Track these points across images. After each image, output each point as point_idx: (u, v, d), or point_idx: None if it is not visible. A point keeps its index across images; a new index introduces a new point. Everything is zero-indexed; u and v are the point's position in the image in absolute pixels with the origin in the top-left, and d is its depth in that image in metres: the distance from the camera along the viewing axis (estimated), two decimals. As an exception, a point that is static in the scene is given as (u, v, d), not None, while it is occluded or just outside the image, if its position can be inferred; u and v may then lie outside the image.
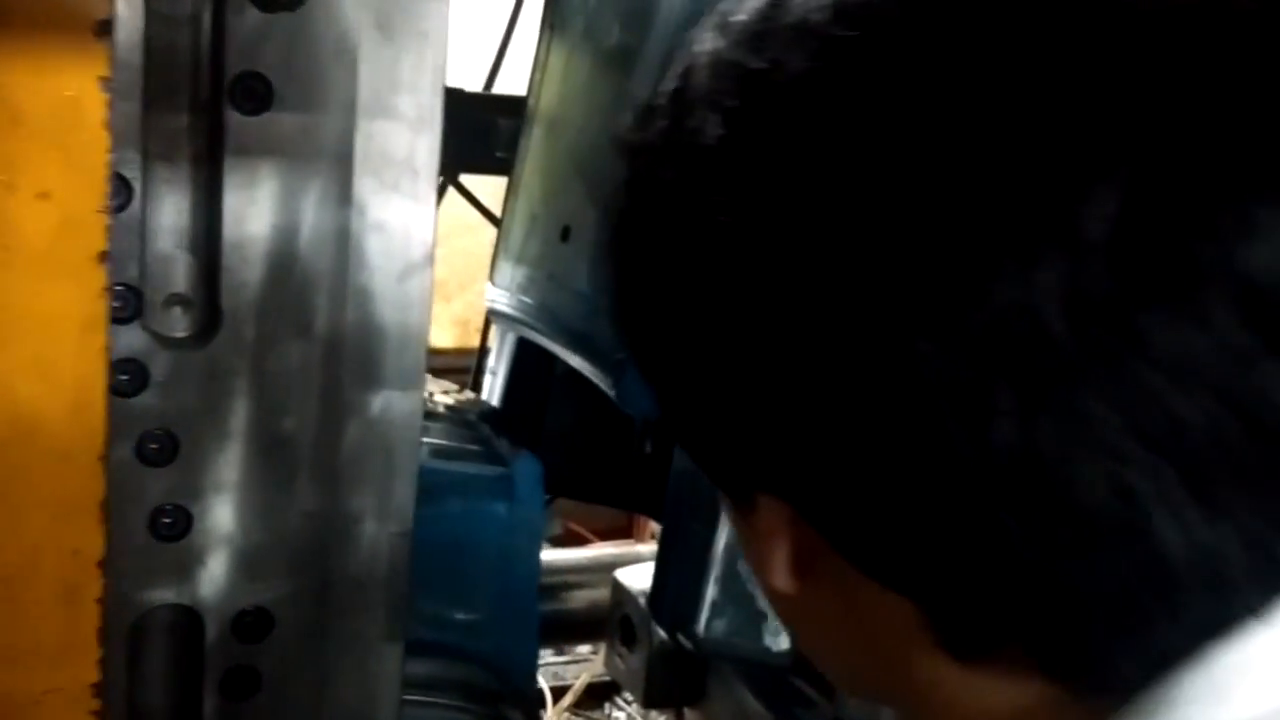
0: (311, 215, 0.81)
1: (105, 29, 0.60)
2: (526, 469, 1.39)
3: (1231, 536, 0.41)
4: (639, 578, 2.06)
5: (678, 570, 1.65)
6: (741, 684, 1.78)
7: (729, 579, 1.58)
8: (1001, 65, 0.41)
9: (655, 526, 3.24)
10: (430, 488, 0.96)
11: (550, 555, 2.71)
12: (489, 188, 2.46)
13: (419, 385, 0.88)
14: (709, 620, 1.61)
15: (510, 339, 2.09)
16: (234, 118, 0.78)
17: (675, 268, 0.49)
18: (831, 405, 0.44)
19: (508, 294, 1.98)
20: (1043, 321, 0.40)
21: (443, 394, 1.77)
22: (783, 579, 0.50)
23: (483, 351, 2.65)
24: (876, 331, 0.42)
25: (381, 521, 0.89)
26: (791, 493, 0.48)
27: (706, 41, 0.50)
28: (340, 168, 0.81)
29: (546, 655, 3.12)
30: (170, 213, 0.79)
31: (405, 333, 0.86)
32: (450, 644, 1.27)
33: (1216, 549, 0.41)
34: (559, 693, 2.88)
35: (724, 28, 0.49)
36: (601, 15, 1.79)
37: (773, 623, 1.58)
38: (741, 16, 0.48)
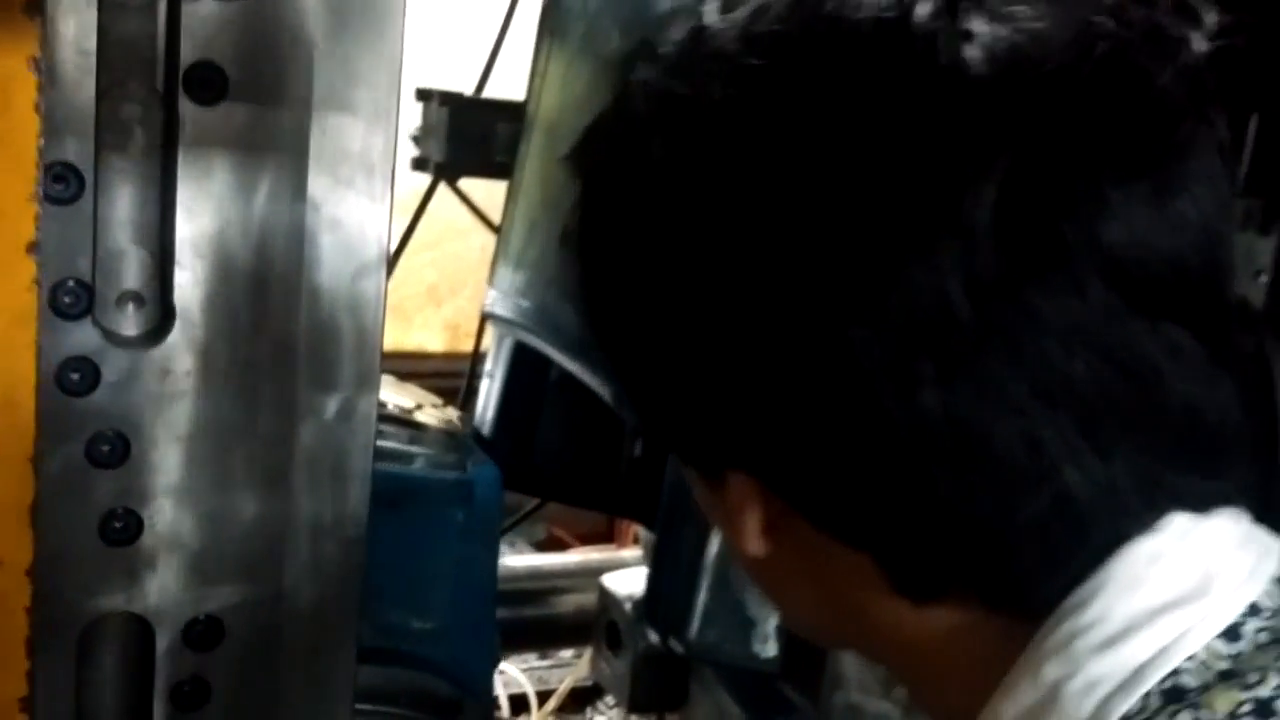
0: (265, 211, 0.78)
1: (35, 7, 0.57)
2: (485, 476, 1.37)
3: (1123, 471, 0.49)
4: (625, 583, 2.04)
5: (671, 577, 1.63)
6: (723, 689, 1.77)
7: (721, 586, 1.56)
8: (892, 83, 0.48)
9: (638, 531, 3.23)
10: (387, 492, 0.93)
11: (537, 560, 2.71)
12: (482, 191, 2.44)
13: (373, 387, 0.85)
14: (701, 626, 1.59)
15: (507, 343, 2.07)
16: (189, 108, 0.75)
17: (637, 274, 0.55)
18: (782, 387, 0.51)
19: (506, 298, 1.95)
20: (948, 301, 0.47)
21: (432, 407, 1.74)
22: (754, 545, 0.57)
23: (476, 357, 2.62)
24: (813, 323, 0.49)
25: (335, 526, 0.86)
26: (756, 467, 0.55)
27: (640, 72, 0.56)
28: (295, 162, 0.78)
29: (530, 659, 3.10)
30: (123, 206, 0.76)
31: (360, 333, 0.83)
32: (406, 652, 1.25)
33: (1112, 483, 0.49)
34: (543, 697, 2.86)
35: (654, 58, 0.56)
36: (600, 22, 1.77)
37: (761, 629, 1.56)
38: (668, 48, 0.55)
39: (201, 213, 0.77)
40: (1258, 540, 0.52)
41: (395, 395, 1.56)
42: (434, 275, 3.95)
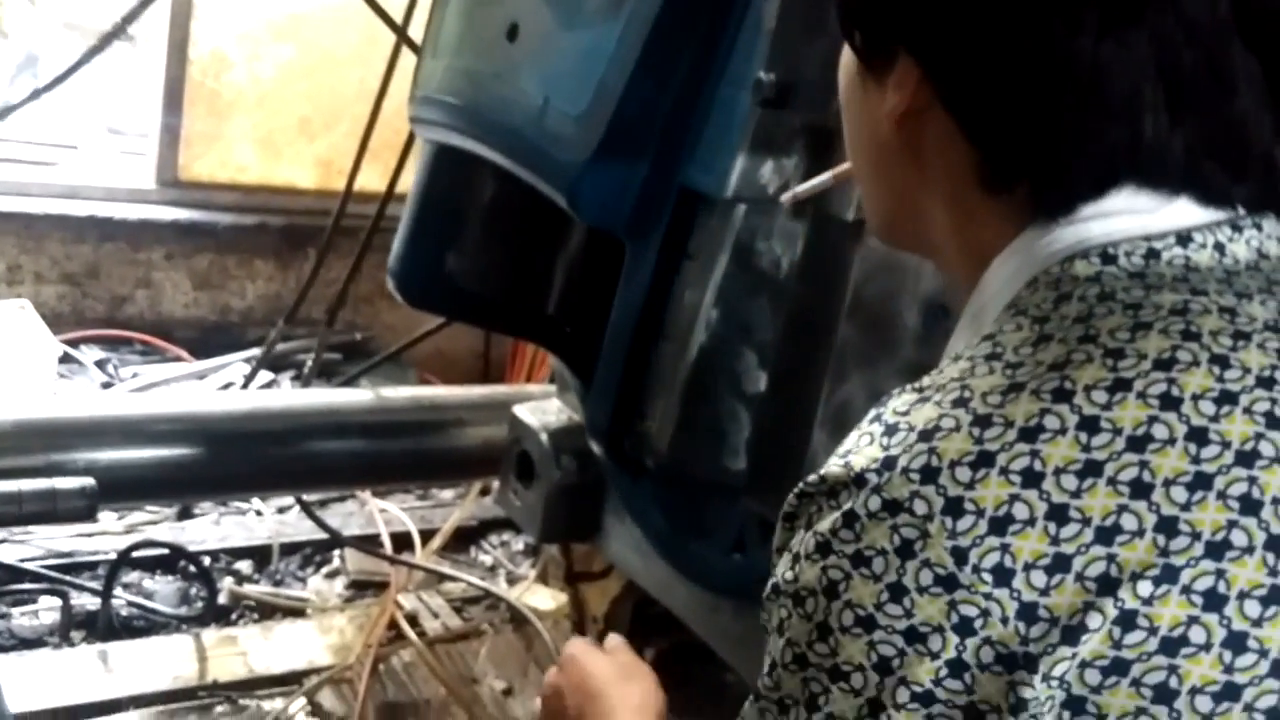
0: None
1: None
2: None
3: (1180, 143, 0.64)
4: (538, 414, 1.96)
5: (643, 389, 1.57)
6: (646, 511, 1.71)
7: (695, 400, 1.50)
8: None
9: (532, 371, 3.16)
10: None
11: (442, 391, 2.60)
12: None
13: None
14: (673, 440, 1.53)
15: (426, 152, 1.93)
16: None
17: None
18: None
19: (434, 100, 1.81)
20: None
21: None
22: (886, 124, 0.72)
23: (348, 195, 2.44)
24: None
25: None
26: (930, 55, 0.68)
27: None
28: None
29: (410, 500, 3.02)
30: None
31: None
32: None
33: (1166, 144, 0.64)
34: (426, 536, 2.79)
35: None
36: None
37: (732, 443, 1.52)
38: None
39: None
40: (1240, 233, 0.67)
41: None
42: (307, 108, 3.69)
